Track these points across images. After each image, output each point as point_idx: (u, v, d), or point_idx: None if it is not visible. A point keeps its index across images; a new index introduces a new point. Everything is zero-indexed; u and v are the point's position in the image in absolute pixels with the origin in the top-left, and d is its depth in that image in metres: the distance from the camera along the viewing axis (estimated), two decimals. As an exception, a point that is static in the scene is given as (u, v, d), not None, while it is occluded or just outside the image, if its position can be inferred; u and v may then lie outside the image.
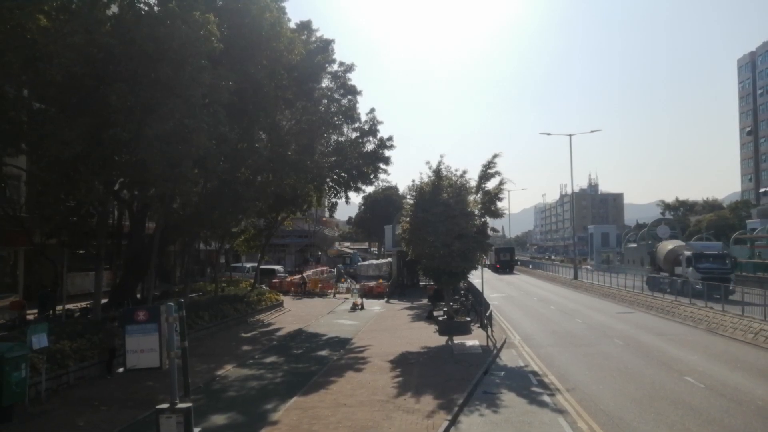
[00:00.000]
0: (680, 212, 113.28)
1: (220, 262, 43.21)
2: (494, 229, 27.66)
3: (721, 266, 36.24)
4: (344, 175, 34.65)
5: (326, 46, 29.27)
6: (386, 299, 42.80)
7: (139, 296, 32.66)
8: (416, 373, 17.72)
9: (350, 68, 30.23)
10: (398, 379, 16.98)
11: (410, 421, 12.78)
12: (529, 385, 16.29)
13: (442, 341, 23.41)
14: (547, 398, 14.81)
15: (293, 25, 28.54)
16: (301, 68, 28.11)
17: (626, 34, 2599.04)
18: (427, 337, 24.71)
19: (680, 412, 13.30)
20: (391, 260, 55.68)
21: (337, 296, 45.03)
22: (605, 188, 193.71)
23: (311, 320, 31.69)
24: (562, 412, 13.54)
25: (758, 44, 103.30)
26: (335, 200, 37.72)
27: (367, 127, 32.97)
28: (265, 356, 21.78)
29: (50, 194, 18.82)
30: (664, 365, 18.29)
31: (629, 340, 23.20)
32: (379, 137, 33.12)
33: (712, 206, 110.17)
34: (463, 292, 36.84)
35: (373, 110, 33.33)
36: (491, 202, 25.21)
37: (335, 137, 33.73)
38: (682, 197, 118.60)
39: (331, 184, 35.54)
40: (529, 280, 65.57)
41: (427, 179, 25.10)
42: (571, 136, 55.81)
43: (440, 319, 26.20)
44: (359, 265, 61.01)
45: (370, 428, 12.41)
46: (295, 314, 34.48)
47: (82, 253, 31.62)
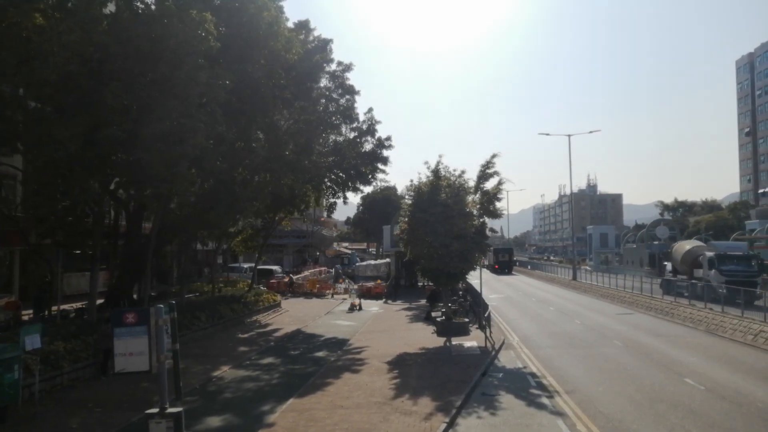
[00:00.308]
0: (679, 213, 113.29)
1: (217, 262, 43.02)
2: (493, 229, 27.50)
3: (746, 269, 32.87)
4: (342, 175, 34.51)
5: (324, 45, 29.13)
6: (384, 300, 42.67)
7: (135, 297, 32.50)
8: (414, 374, 17.58)
9: (348, 68, 30.10)
10: (396, 380, 16.84)
11: (407, 423, 12.65)
12: (527, 386, 16.16)
13: (440, 342, 23.26)
14: (545, 400, 14.68)
15: (291, 24, 28.41)
16: (299, 68, 27.97)
17: (625, 34, 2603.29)
18: (425, 338, 24.57)
19: (680, 414, 13.17)
20: (389, 261, 55.50)
21: (335, 297, 44.90)
22: (604, 189, 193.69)
23: (309, 321, 31.55)
24: (561, 414, 13.41)
25: (756, 45, 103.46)
26: (333, 200, 37.56)
27: (365, 126, 32.83)
28: (261, 357, 21.64)
29: (45, 194, 18.65)
30: (663, 367, 18.16)
31: (628, 341, 23.07)
32: (377, 137, 33.00)
33: (710, 207, 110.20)
34: (461, 292, 36.70)
35: (371, 110, 33.24)
36: (490, 202, 25.07)
37: (334, 137, 33.60)
38: (680, 198, 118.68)
39: (329, 184, 35.41)
40: (527, 280, 65.46)
41: (425, 179, 24.97)
42: (570, 136, 55.77)
43: (438, 320, 26.08)
44: (357, 265, 60.84)
45: (366, 431, 12.28)
46: (292, 315, 34.34)
47: (78, 253, 31.47)
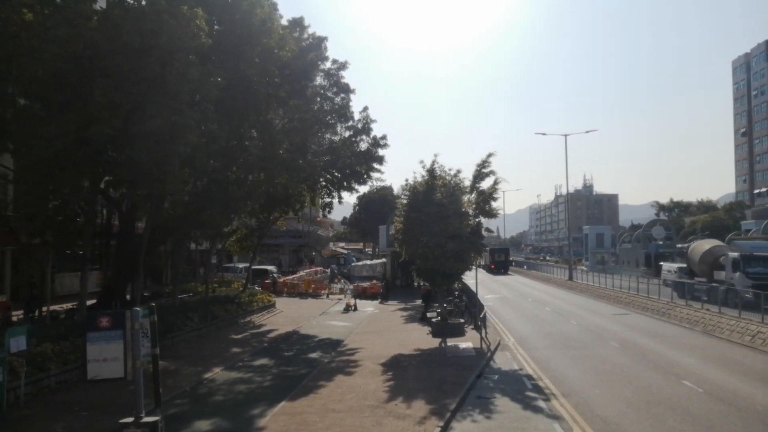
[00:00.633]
0: (675, 213, 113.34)
1: (211, 262, 42.70)
2: (488, 229, 27.26)
3: None
4: (338, 174, 34.20)
5: (319, 43, 28.82)
6: (380, 300, 42.41)
7: (129, 297, 32.19)
8: (408, 376, 17.32)
9: (343, 66, 29.80)
10: (390, 383, 16.57)
11: (401, 427, 12.39)
12: (523, 389, 15.92)
13: (435, 343, 23.02)
14: (542, 403, 14.43)
15: (285, 22, 28.10)
16: (293, 66, 27.67)
17: (622, 35, 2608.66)
18: (420, 339, 24.32)
19: (679, 417, 12.95)
20: (385, 261, 55.26)
21: (330, 297, 44.62)
22: (600, 189, 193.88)
23: (303, 322, 31.25)
24: (557, 418, 13.16)
25: (753, 45, 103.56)
26: (329, 200, 37.24)
27: (360, 125, 32.50)
28: (254, 359, 21.35)
29: (34, 193, 18.34)
30: (661, 368, 17.95)
31: (625, 342, 22.86)
32: (372, 136, 32.66)
33: (706, 207, 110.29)
34: (457, 293, 36.47)
35: (366, 108, 32.85)
36: (486, 202, 24.89)
37: (329, 136, 33.29)
38: (676, 198, 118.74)
39: (324, 183, 35.08)
40: (523, 280, 65.30)
41: (420, 179, 24.77)
42: (566, 136, 55.76)
43: (433, 320, 25.85)
44: (353, 265, 60.49)
45: (359, 435, 12.02)
46: (287, 315, 34.03)
47: (70, 253, 31.15)
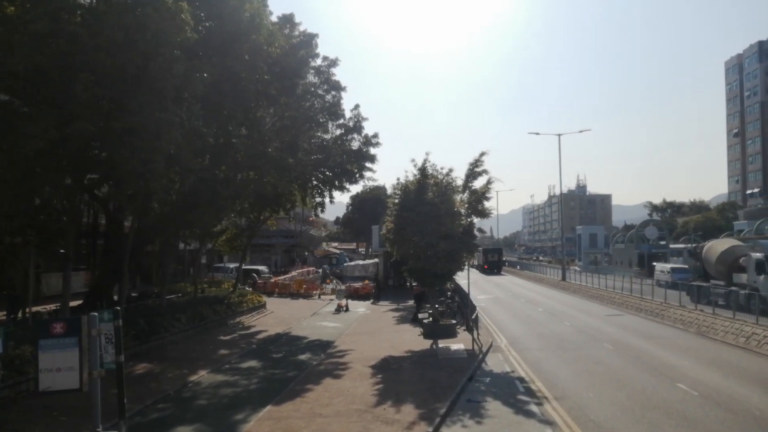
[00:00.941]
0: (667, 213, 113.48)
1: (201, 262, 42.20)
2: (481, 229, 26.97)
3: None
4: (329, 173, 33.73)
5: (310, 40, 28.34)
6: (372, 300, 42.03)
7: (116, 297, 31.67)
8: (398, 379, 16.94)
9: (334, 63, 29.33)
10: (379, 386, 16.18)
11: (389, 433, 12.01)
12: (515, 392, 15.56)
13: (426, 345, 22.65)
14: (534, 407, 14.08)
15: (275, 18, 27.62)
16: (283, 63, 27.23)
17: (615, 36, 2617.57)
18: (411, 340, 23.94)
19: (674, 422, 12.62)
20: (377, 261, 54.85)
21: (322, 298, 44.17)
22: (593, 189, 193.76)
23: (293, 323, 30.83)
24: (550, 423, 12.81)
25: (745, 46, 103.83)
26: (320, 200, 36.80)
27: (351, 124, 32.06)
28: (242, 361, 20.93)
29: (13, 191, 17.80)
30: (655, 371, 17.63)
31: (619, 344, 22.55)
32: (364, 134, 32.23)
33: (699, 208, 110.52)
34: (450, 293, 36.12)
35: (357, 106, 32.41)
36: (478, 201, 24.55)
37: (320, 134, 32.82)
38: (669, 199, 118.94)
39: (315, 183, 34.61)
40: (516, 281, 65.03)
41: (412, 178, 24.40)
42: (560, 135, 55.45)
43: (425, 321, 25.47)
44: (345, 265, 60.04)
45: (345, 442, 11.63)
46: (277, 316, 33.59)
47: (58, 252, 30.55)
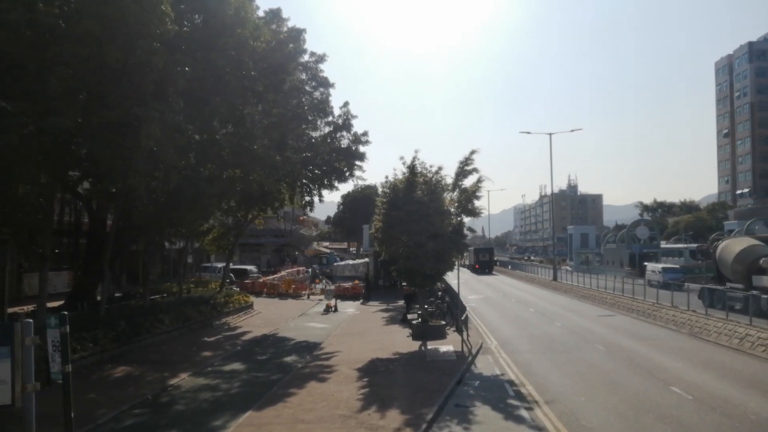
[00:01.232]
0: (658, 213, 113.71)
1: (187, 261, 41.44)
2: (471, 228, 26.48)
3: None
4: (318, 172, 33.17)
5: (297, 35, 27.80)
6: (362, 301, 41.53)
7: (99, 298, 30.99)
8: (384, 382, 16.43)
9: (321, 59, 28.78)
10: (364, 390, 15.68)
11: (373, 440, 11.51)
12: (505, 396, 15.09)
13: (415, 346, 22.17)
14: (524, 412, 13.61)
15: (262, 12, 27.05)
16: (270, 59, 26.68)
17: (606, 37, 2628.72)
18: (399, 342, 23.44)
19: (668, 428, 12.20)
20: (368, 260, 54.34)
21: (311, 298, 43.62)
22: (584, 189, 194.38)
23: (281, 323, 30.27)
24: (540, 429, 12.35)
25: (735, 47, 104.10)
26: (309, 198, 36.26)
27: (340, 121, 31.54)
28: (225, 363, 20.37)
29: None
30: (648, 374, 17.22)
31: (611, 345, 22.15)
32: (353, 132, 31.73)
33: (689, 208, 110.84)
34: (440, 293, 35.66)
35: (347, 104, 31.94)
36: (468, 200, 24.10)
37: (309, 132, 32.23)
38: (660, 199, 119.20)
39: (304, 181, 34.04)
40: (507, 281, 64.69)
41: (401, 176, 23.92)
42: (551, 135, 55.06)
43: (414, 322, 24.98)
44: (335, 265, 59.51)
45: (327, 450, 11.12)
46: (264, 317, 33.01)
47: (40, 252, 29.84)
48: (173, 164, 18.42)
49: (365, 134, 32.36)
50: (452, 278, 29.59)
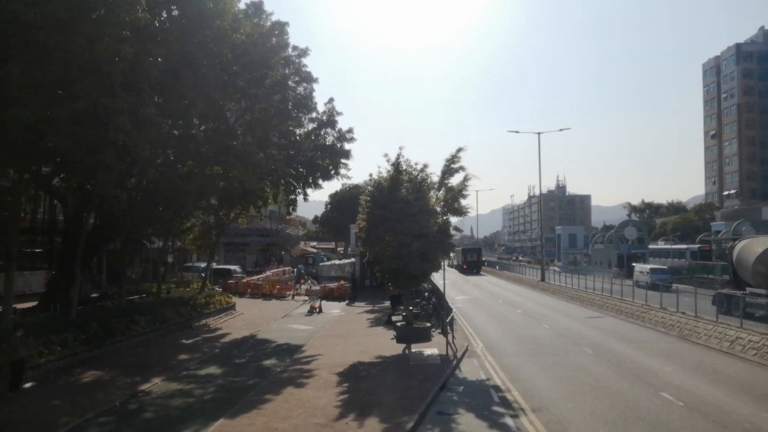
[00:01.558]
0: (646, 214, 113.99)
1: (167, 261, 40.58)
2: (457, 228, 25.82)
3: None
4: (302, 169, 32.37)
5: (281, 29, 27.04)
6: (347, 302, 40.81)
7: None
8: (365, 388, 15.76)
9: (304, 53, 28.01)
10: (344, 396, 15.00)
11: (349, 452, 10.83)
12: (490, 403, 14.45)
13: (399, 349, 21.51)
14: (509, 420, 12.99)
15: (243, 5, 26.25)
16: (253, 53, 25.93)
17: (595, 38, 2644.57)
18: (383, 344, 22.79)
19: (660, 437, 11.63)
20: (354, 260, 53.64)
21: (296, 298, 42.83)
22: (573, 190, 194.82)
23: (263, 325, 29.51)
24: (526, 439, 11.74)
25: (723, 48, 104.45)
26: (293, 197, 35.47)
27: (325, 118, 30.80)
28: (202, 367, 19.62)
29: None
30: (638, 378, 16.66)
31: (600, 348, 21.61)
32: (338, 129, 30.99)
33: (676, 209, 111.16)
34: (427, 294, 35.01)
35: (332, 100, 31.23)
36: (454, 199, 23.47)
37: (294, 129, 31.40)
38: (647, 199, 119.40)
39: (289, 179, 33.22)
40: (495, 281, 64.24)
41: (386, 174, 23.25)
42: (539, 134, 54.68)
43: (398, 324, 24.30)
44: (321, 265, 58.72)
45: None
46: (246, 318, 32.24)
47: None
48: (146, 159, 17.59)
49: (350, 131, 31.67)
50: (439, 279, 28.99)
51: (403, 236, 21.43)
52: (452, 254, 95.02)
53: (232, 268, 51.06)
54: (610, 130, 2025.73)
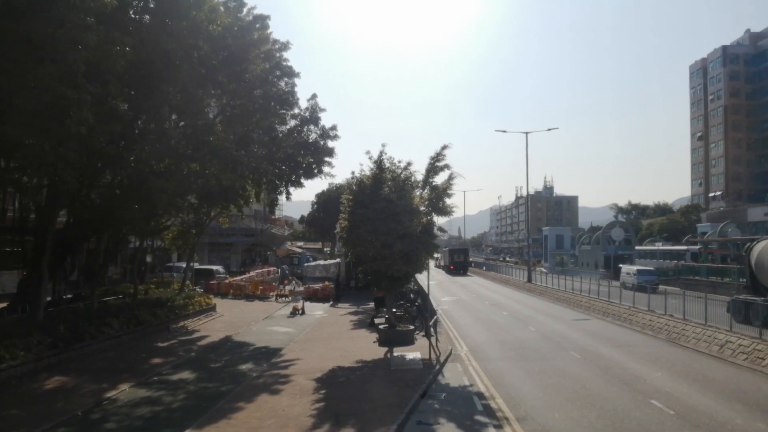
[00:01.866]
0: (632, 216, 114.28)
1: (146, 261, 39.53)
2: (442, 228, 25.22)
3: None
4: (284, 167, 31.45)
5: (261, 22, 26.16)
6: (332, 303, 40.01)
7: (49, 299, 29.07)
8: (342, 395, 15.00)
9: (285, 46, 27.14)
10: (319, 404, 14.23)
11: (319, 468, 10.09)
12: (472, 412, 13.74)
13: (380, 353, 20.79)
14: (492, 431, 12.30)
15: (222, -4, 25.27)
16: (233, 47, 25.05)
17: (582, 40, 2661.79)
18: (365, 348, 22.04)
19: (651, 450, 10.99)
20: (339, 261, 52.84)
21: (279, 299, 41.95)
22: (560, 191, 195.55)
23: (242, 327, 28.64)
24: (509, 452, 11.06)
25: (709, 51, 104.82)
26: (275, 196, 34.58)
27: (308, 114, 29.95)
28: (175, 372, 18.77)
29: None
30: (627, 385, 16.05)
31: (587, 352, 21.01)
32: (321, 126, 30.13)
33: (662, 210, 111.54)
34: (413, 296, 34.34)
35: (315, 96, 30.30)
36: (439, 198, 22.83)
37: (277, 126, 30.49)
38: (634, 201, 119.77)
39: (270, 177, 32.31)
40: (482, 282, 63.70)
41: (368, 172, 22.54)
42: (527, 134, 54.46)
43: (381, 327, 23.60)
44: (306, 265, 57.86)
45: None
46: (226, 320, 31.36)
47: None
48: (111, 155, 16.70)
49: (334, 128, 30.82)
50: (425, 280, 28.36)
51: (385, 236, 20.75)
52: (439, 255, 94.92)
53: (214, 268, 50.07)
54: (597, 132, 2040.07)
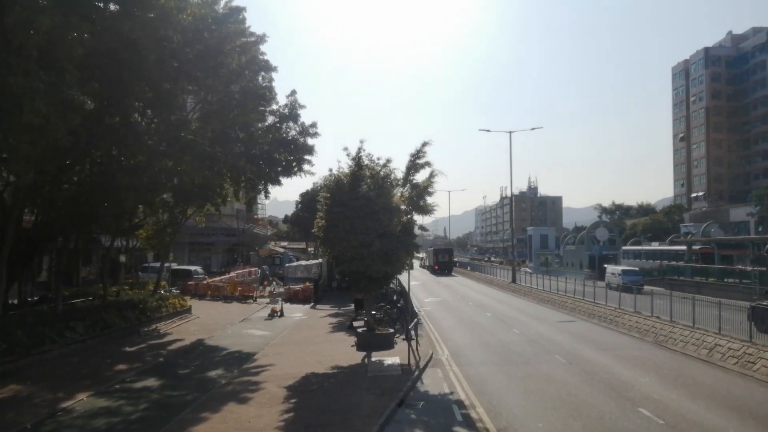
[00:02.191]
0: (616, 216, 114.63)
1: (119, 261, 38.29)
2: (423, 227, 24.52)
3: None
4: (261, 163, 30.41)
5: (237, 15, 25.20)
6: (312, 304, 39.05)
7: (15, 302, 27.88)
8: (314, 405, 14.13)
9: (262, 39, 26.11)
10: (288, 414, 13.35)
11: (282, 489, 9.21)
12: (451, 422, 12.94)
13: (358, 358, 19.93)
14: (472, 444, 11.52)
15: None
16: (208, 39, 24.05)
17: (568, 40, 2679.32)
18: (342, 352, 21.16)
19: (641, 465, 10.26)
20: (321, 261, 51.88)
21: (259, 301, 40.89)
22: (544, 191, 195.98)
23: (217, 330, 27.62)
24: (490, 469, 10.26)
25: (692, 52, 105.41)
26: (253, 194, 33.55)
27: (287, 111, 28.98)
28: (140, 378, 17.77)
29: None
30: (613, 391, 15.36)
31: (572, 356, 20.31)
32: (300, 123, 29.17)
33: (646, 210, 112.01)
34: (395, 297, 33.48)
35: (294, 92, 29.29)
36: (420, 196, 22.09)
37: (257, 123, 29.46)
38: (618, 201, 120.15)
39: (249, 175, 31.28)
40: (466, 282, 63.08)
41: (346, 169, 21.70)
42: (511, 133, 53.80)
43: (359, 330, 22.74)
44: (287, 266, 56.71)
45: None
46: (201, 322, 30.30)
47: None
48: (66, 148, 15.64)
49: (314, 125, 29.81)
50: (413, 280, 27.55)
51: (363, 235, 19.94)
52: (424, 255, 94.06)
53: (192, 268, 48.78)
54: (581, 132, 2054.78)
